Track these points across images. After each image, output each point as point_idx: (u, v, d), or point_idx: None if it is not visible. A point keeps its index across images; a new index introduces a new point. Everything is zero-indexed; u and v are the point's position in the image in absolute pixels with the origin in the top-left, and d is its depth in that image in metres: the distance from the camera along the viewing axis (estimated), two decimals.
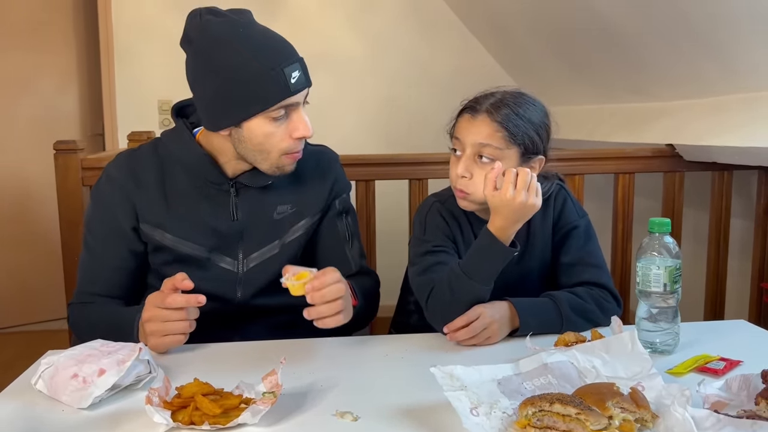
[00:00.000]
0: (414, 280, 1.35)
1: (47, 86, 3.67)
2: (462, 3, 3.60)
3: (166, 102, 3.55)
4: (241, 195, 1.30)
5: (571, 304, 1.26)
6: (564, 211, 1.38)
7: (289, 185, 1.34)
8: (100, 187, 1.31)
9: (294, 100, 1.20)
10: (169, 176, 1.29)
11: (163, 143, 1.32)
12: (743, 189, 2.37)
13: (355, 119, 3.72)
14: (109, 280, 1.31)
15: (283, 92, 1.17)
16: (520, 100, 1.29)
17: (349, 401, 0.96)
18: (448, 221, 1.37)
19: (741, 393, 0.91)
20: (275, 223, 1.33)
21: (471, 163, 1.27)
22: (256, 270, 1.32)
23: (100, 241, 1.31)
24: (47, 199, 3.18)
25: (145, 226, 1.28)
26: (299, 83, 1.19)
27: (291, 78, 1.17)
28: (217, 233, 1.29)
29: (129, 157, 1.32)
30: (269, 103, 1.17)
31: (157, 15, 3.53)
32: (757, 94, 2.01)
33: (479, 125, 1.26)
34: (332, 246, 1.40)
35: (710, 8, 1.89)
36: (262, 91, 1.17)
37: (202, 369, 1.09)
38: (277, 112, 1.19)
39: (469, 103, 1.31)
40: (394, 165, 2.15)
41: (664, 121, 2.43)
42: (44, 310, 3.53)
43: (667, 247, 1.13)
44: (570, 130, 3.04)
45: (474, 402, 0.88)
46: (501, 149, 1.25)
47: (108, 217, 1.29)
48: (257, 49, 1.17)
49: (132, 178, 1.28)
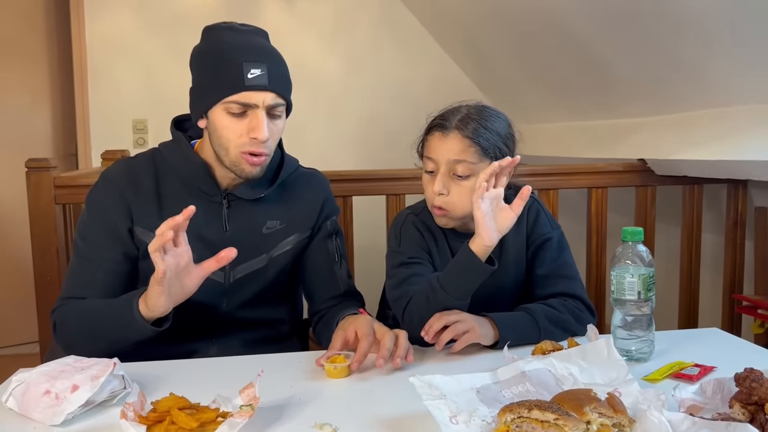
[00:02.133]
0: (390, 293, 1.35)
1: (18, 105, 3.63)
2: (437, 24, 3.66)
3: (140, 121, 3.53)
4: (233, 207, 1.33)
5: (547, 316, 1.27)
6: (537, 224, 1.40)
7: (280, 202, 1.37)
8: (97, 189, 1.32)
9: (250, 99, 1.21)
10: (164, 184, 1.31)
11: (161, 153, 1.34)
12: (713, 204, 2.42)
13: (332, 137, 3.74)
14: (101, 285, 1.28)
15: (236, 85, 1.20)
16: (485, 114, 1.31)
17: (328, 413, 0.96)
18: (423, 233, 1.38)
19: (715, 397, 0.92)
20: (264, 237, 1.35)
21: (447, 180, 1.29)
22: (242, 282, 1.34)
23: (95, 245, 1.29)
24: (18, 220, 3.13)
25: (138, 230, 1.29)
26: (256, 81, 1.20)
27: (248, 73, 1.20)
28: (207, 243, 1.29)
29: (126, 163, 1.34)
30: (224, 94, 1.21)
31: (131, 34, 3.51)
32: (725, 109, 2.06)
33: (451, 142, 1.28)
34: (322, 266, 1.42)
35: (678, 27, 1.94)
36: (219, 80, 1.22)
37: (178, 384, 1.08)
38: (233, 107, 1.21)
39: (436, 121, 1.33)
40: (371, 180, 2.16)
41: (635, 137, 2.48)
42: (15, 333, 3.46)
43: (641, 255, 1.14)
44: (544, 146, 3.08)
45: (453, 410, 0.88)
46: (474, 163, 1.28)
47: (104, 219, 1.29)
48: (230, 46, 1.23)
49: (129, 182, 1.30)
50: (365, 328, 1.16)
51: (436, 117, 1.34)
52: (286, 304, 1.47)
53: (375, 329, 1.17)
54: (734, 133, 1.98)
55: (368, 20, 3.76)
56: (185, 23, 3.49)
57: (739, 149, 1.91)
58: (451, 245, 1.38)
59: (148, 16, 3.52)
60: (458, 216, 1.31)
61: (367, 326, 1.17)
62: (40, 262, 1.96)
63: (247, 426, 0.87)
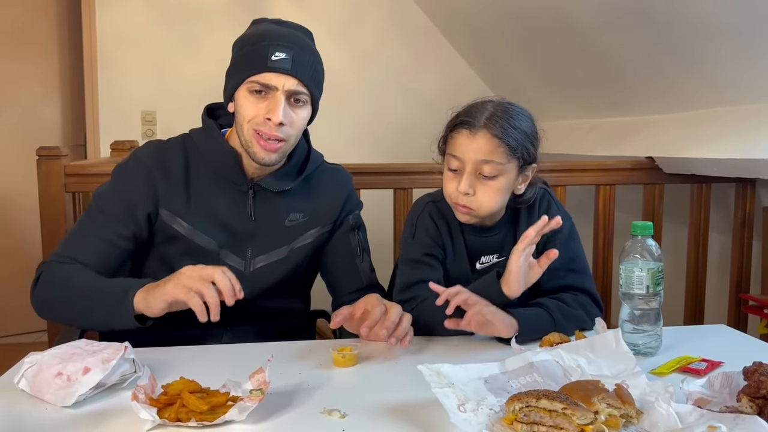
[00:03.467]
0: (397, 294, 1.36)
1: (29, 96, 3.65)
2: (447, 21, 3.65)
3: (149, 113, 3.54)
4: (258, 197, 1.34)
5: (562, 312, 1.26)
6: (548, 214, 1.37)
7: (304, 196, 1.39)
8: (128, 166, 1.33)
9: (270, 80, 1.23)
10: (193, 170, 1.33)
11: (191, 139, 1.36)
12: (721, 204, 2.41)
13: (340, 132, 3.74)
14: (98, 254, 1.28)
15: (260, 66, 1.23)
16: (512, 112, 1.29)
17: (337, 399, 0.96)
18: (439, 226, 1.37)
19: (723, 390, 0.93)
20: (286, 229, 1.37)
21: (473, 180, 1.27)
22: (262, 271, 1.35)
23: (108, 214, 1.30)
24: (28, 209, 3.15)
25: (164, 213, 1.30)
26: (280, 64, 1.23)
27: (272, 55, 1.23)
28: (230, 230, 1.32)
29: (158, 146, 1.36)
30: (248, 74, 1.24)
31: (142, 26, 3.52)
32: (734, 108, 2.06)
33: (479, 141, 1.25)
34: (344, 260, 1.44)
35: (688, 24, 1.94)
36: (245, 62, 1.25)
37: (189, 369, 1.08)
38: (254, 86, 1.24)
39: (463, 118, 1.28)
40: (379, 174, 2.16)
41: (643, 135, 2.48)
42: (23, 322, 3.48)
43: (650, 249, 1.14)
44: (552, 144, 3.05)
45: (461, 399, 0.88)
46: (503, 164, 1.26)
47: (126, 194, 1.30)
48: (260, 30, 1.28)
49: (160, 165, 1.32)
50: (374, 299, 1.19)
51: (461, 113, 1.30)
52: (301, 298, 1.49)
53: (386, 303, 1.19)
54: (743, 132, 1.97)
55: (378, 17, 3.76)
56: (196, 16, 3.50)
57: (748, 148, 1.90)
58: (467, 240, 1.37)
59: (159, 9, 3.53)
60: (482, 215, 1.30)
61: (376, 298, 1.19)
62: (50, 249, 1.96)
63: (256, 410, 0.88)
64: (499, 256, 1.38)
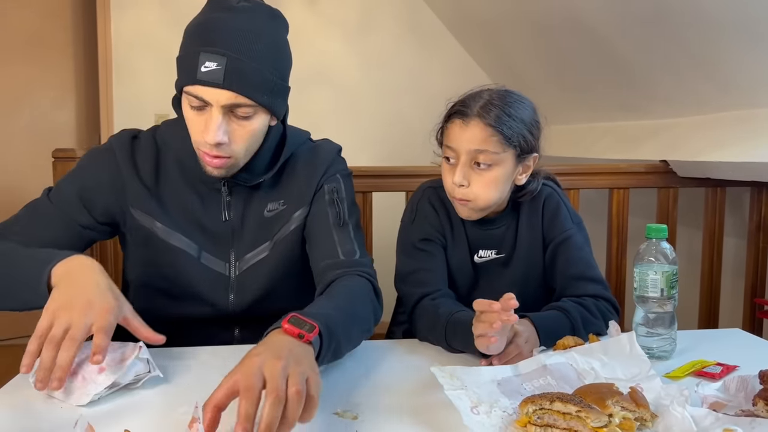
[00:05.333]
0: (397, 284, 1.35)
1: (44, 100, 3.69)
2: (459, 23, 3.66)
3: (162, 116, 3.57)
4: (234, 194, 1.26)
5: (583, 321, 1.22)
6: (557, 218, 1.34)
7: (280, 181, 1.29)
8: (98, 154, 1.26)
9: (202, 94, 1.08)
10: (162, 167, 1.25)
11: (161, 132, 1.28)
12: (736, 209, 2.39)
13: (352, 134, 3.75)
14: (43, 236, 1.18)
15: (190, 76, 1.08)
16: (508, 100, 1.26)
17: (350, 401, 0.96)
18: (439, 213, 1.35)
19: (739, 394, 0.92)
20: (266, 221, 1.27)
21: (468, 170, 1.24)
22: (248, 273, 1.27)
23: (65, 198, 1.22)
24: None
25: (136, 213, 1.23)
26: (209, 76, 1.06)
27: (201, 66, 1.07)
28: (207, 232, 1.25)
29: (132, 140, 1.26)
30: (181, 83, 1.11)
31: (156, 30, 3.56)
32: (750, 111, 2.04)
33: (472, 130, 1.22)
34: (317, 227, 1.26)
35: (703, 26, 1.92)
36: (179, 69, 1.12)
37: (201, 370, 1.09)
38: (192, 99, 1.10)
39: (457, 107, 1.26)
40: (390, 177, 2.16)
41: (657, 138, 2.46)
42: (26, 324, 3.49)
43: (664, 252, 1.14)
44: (565, 147, 3.07)
45: (474, 401, 0.88)
46: (498, 153, 1.23)
47: (88, 184, 1.23)
48: (196, 30, 1.12)
49: (129, 159, 1.23)
50: (250, 375, 0.77)
51: (457, 103, 1.28)
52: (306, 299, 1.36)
53: (266, 375, 0.77)
54: (758, 135, 1.95)
55: (391, 20, 3.77)
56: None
57: (763, 151, 1.89)
58: (467, 230, 1.35)
59: (173, 12, 3.56)
60: (481, 207, 1.27)
61: (254, 370, 0.77)
62: None
63: None
64: (498, 252, 1.35)
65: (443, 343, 1.18)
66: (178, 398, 0.97)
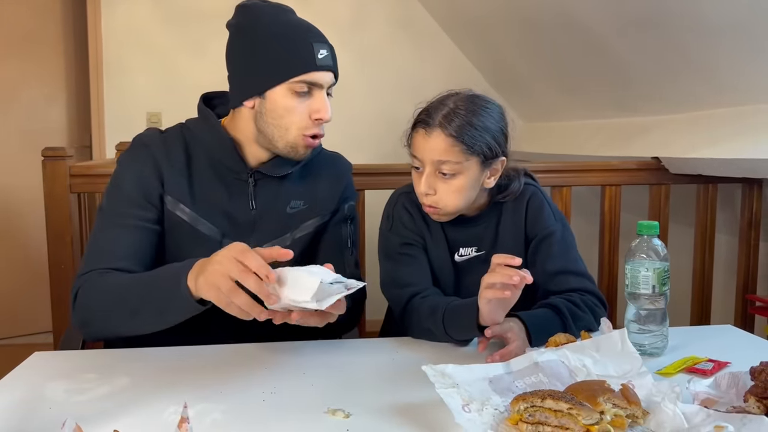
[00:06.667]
0: (384, 290, 1.35)
1: (35, 97, 3.66)
2: (452, 21, 3.65)
3: (154, 114, 3.55)
4: (259, 185, 1.32)
5: (573, 316, 1.22)
6: (541, 216, 1.34)
7: (304, 182, 1.36)
8: (132, 152, 1.30)
9: (318, 79, 1.23)
10: (193, 158, 1.31)
11: (189, 128, 1.34)
12: (727, 205, 2.40)
13: (345, 133, 3.72)
14: (128, 246, 1.22)
15: (308, 64, 1.22)
16: (473, 107, 1.25)
17: (341, 399, 0.96)
18: (415, 218, 1.36)
19: (730, 390, 0.92)
20: (288, 217, 1.33)
21: (433, 179, 1.25)
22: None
23: (129, 203, 1.25)
24: (33, 212, 3.16)
25: (168, 199, 1.28)
26: (326, 61, 1.23)
27: (318, 53, 1.22)
28: (232, 220, 1.30)
29: (159, 132, 1.33)
30: (294, 73, 1.21)
31: (148, 27, 3.54)
32: (740, 108, 2.05)
33: (434, 141, 1.23)
34: (332, 249, 1.37)
35: (694, 25, 1.93)
36: (289, 60, 1.21)
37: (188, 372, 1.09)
38: (300, 86, 1.22)
39: (421, 116, 1.27)
40: (383, 174, 2.17)
41: (649, 136, 2.47)
42: (29, 323, 3.49)
43: (656, 249, 1.14)
44: (557, 145, 3.08)
45: (466, 399, 0.88)
46: (460, 162, 1.23)
47: (139, 179, 1.26)
48: (292, 24, 1.26)
49: (163, 150, 1.29)
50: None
51: (422, 111, 1.29)
52: None
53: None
54: (750, 132, 1.96)
55: (383, 17, 3.76)
56: (201, 17, 3.51)
57: (754, 148, 1.90)
58: (445, 230, 1.36)
59: (165, 10, 3.54)
60: (450, 212, 1.29)
61: None
62: (55, 251, 1.98)
63: (259, 412, 0.88)
64: (478, 249, 1.36)
65: (440, 330, 1.19)
66: (167, 398, 0.96)
